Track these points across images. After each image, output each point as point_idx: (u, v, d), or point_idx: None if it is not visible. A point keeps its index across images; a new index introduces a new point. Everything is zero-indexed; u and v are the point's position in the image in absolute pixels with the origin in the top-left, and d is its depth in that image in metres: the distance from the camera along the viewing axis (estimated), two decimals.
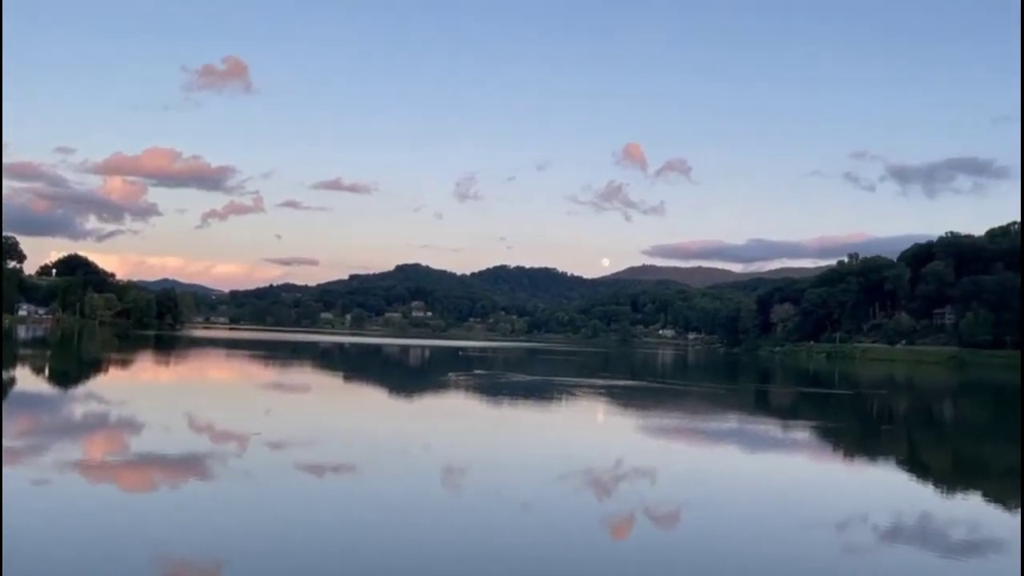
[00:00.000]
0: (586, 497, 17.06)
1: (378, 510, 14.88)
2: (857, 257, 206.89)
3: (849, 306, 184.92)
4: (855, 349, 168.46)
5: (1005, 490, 21.25)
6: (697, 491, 18.39)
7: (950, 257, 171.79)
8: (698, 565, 12.39)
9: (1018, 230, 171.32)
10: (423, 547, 12.51)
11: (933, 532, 15.47)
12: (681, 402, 45.28)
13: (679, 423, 33.80)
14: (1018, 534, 15.69)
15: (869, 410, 46.52)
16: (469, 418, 32.52)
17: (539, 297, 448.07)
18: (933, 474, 24.23)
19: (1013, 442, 34.79)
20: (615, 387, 52.15)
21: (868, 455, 27.26)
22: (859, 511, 16.75)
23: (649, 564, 12.35)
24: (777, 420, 38.82)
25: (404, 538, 12.96)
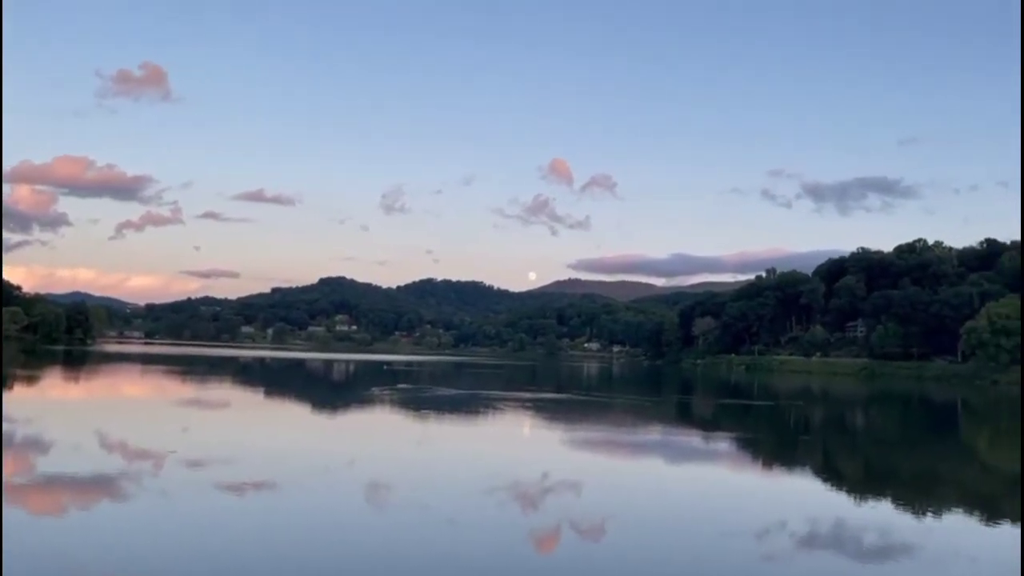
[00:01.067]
0: (513, 510, 17.03)
1: (300, 528, 14.51)
2: (774, 272, 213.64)
3: (767, 319, 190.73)
4: (773, 361, 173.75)
5: (912, 495, 22.19)
6: (622, 502, 18.58)
7: (861, 272, 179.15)
8: (623, 574, 12.50)
9: (924, 246, 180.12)
10: (347, 565, 12.25)
11: (847, 538, 16.00)
12: (606, 414, 45.80)
13: (604, 435, 34.16)
14: (926, 539, 16.40)
15: (787, 420, 47.96)
16: (394, 433, 32.14)
17: (466, 311, 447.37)
18: (847, 482, 25.11)
19: (918, 449, 36.39)
20: (541, 400, 52.40)
21: (786, 464, 28.08)
22: (777, 519, 17.21)
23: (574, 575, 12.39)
24: (699, 431, 39.64)
25: (327, 556, 12.67)
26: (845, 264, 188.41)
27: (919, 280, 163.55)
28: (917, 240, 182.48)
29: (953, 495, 22.85)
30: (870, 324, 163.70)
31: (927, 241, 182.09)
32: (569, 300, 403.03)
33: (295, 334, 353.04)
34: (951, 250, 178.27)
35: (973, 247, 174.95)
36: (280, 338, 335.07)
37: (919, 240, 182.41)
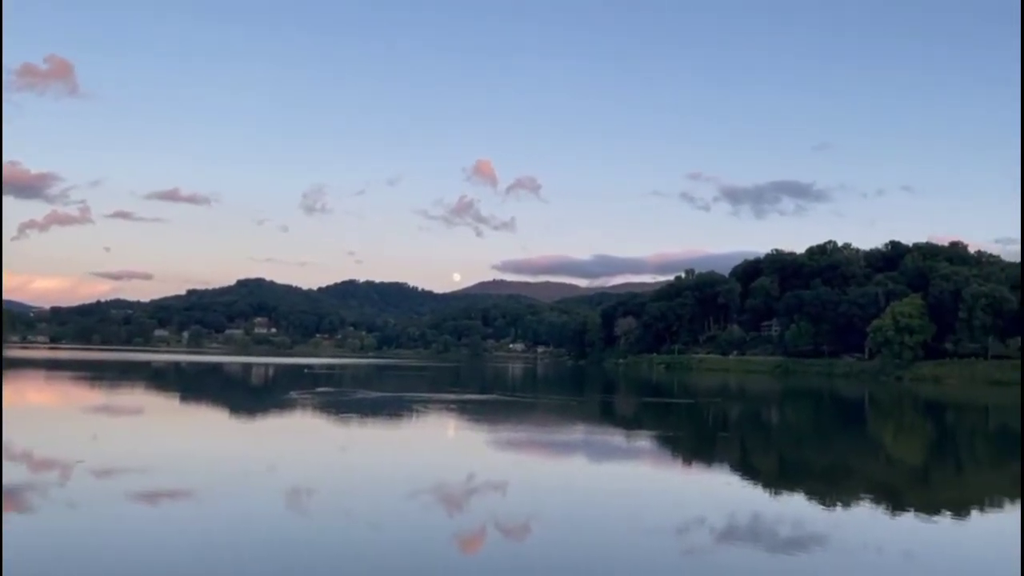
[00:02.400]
0: (437, 513, 16.93)
1: (217, 538, 14.07)
2: (693, 273, 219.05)
3: (686, 319, 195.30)
4: (692, 359, 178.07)
5: (824, 488, 23.04)
6: (546, 502, 18.69)
7: (775, 273, 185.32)
8: (546, 573, 12.56)
9: (834, 248, 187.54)
10: (267, 574, 11.94)
11: (763, 531, 16.48)
12: (530, 415, 46.04)
13: (528, 436, 34.33)
14: (837, 530, 17.04)
15: (705, 418, 49.17)
16: (315, 438, 31.54)
17: (389, 312, 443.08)
18: (762, 476, 25.89)
19: (829, 444, 37.85)
20: (466, 401, 52.31)
21: (705, 461, 28.77)
22: (697, 514, 17.61)
23: None
24: (621, 429, 40.26)
25: (246, 566, 12.32)
26: (760, 265, 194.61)
27: (829, 280, 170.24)
28: (828, 242, 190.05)
29: (861, 487, 23.81)
30: (783, 323, 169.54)
31: (837, 243, 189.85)
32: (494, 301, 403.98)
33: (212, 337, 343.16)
34: (859, 251, 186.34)
35: (879, 249, 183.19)
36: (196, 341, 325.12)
37: (829, 242, 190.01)
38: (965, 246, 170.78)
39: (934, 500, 22.27)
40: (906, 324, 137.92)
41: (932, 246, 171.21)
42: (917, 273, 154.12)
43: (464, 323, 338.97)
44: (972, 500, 21.98)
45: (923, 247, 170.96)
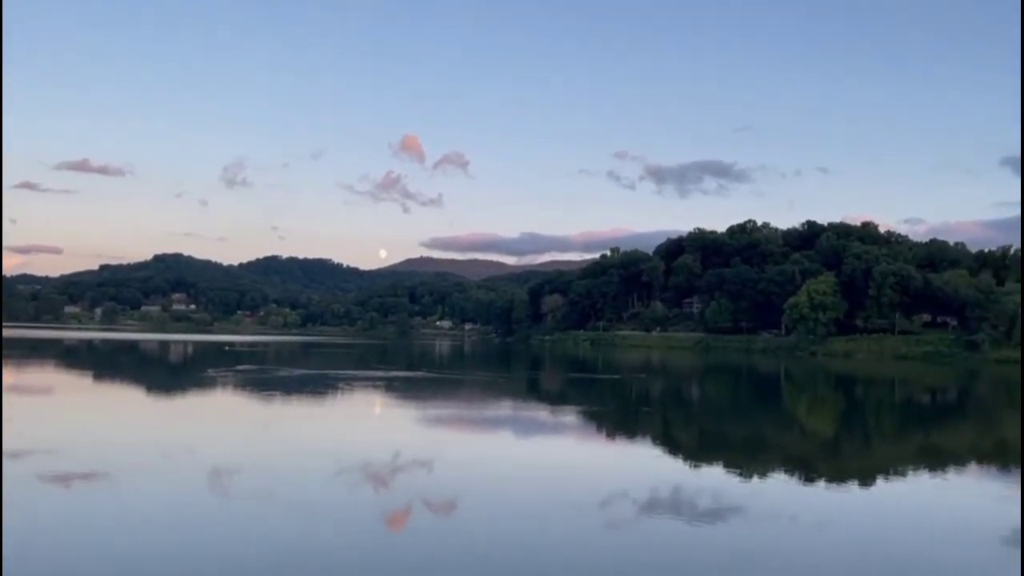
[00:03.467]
0: (364, 492, 16.81)
1: (135, 522, 13.64)
2: (618, 251, 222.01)
3: (611, 296, 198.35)
4: (616, 336, 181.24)
5: (742, 460, 23.83)
6: (473, 478, 18.78)
7: (697, 251, 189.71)
8: (472, 549, 12.63)
9: (753, 227, 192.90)
10: (186, 559, 11.66)
11: (684, 502, 16.95)
12: (457, 391, 46.13)
13: (455, 412, 34.38)
14: (753, 500, 17.65)
15: (629, 393, 50.15)
16: (237, 416, 30.88)
17: (313, 289, 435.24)
18: (683, 449, 26.61)
19: (746, 417, 39.13)
20: (393, 379, 52.01)
21: (628, 435, 29.36)
22: (620, 488, 17.98)
23: (427, 553, 12.40)
24: (547, 405, 40.72)
25: (165, 550, 12.00)
26: (683, 243, 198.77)
27: (749, 259, 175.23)
28: (747, 221, 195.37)
29: (777, 458, 24.73)
30: (705, 300, 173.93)
31: (756, 222, 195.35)
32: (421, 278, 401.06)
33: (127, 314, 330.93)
34: (777, 231, 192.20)
35: (796, 228, 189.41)
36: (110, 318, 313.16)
37: (749, 221, 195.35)
38: (876, 226, 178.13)
39: (844, 470, 23.30)
40: (820, 301, 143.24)
41: (845, 226, 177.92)
42: (831, 252, 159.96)
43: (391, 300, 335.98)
44: (879, 469, 23.07)
45: (837, 227, 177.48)
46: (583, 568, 11.95)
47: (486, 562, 12.01)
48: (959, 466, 24.55)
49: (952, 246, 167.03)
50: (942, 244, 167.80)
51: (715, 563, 12.53)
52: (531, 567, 11.96)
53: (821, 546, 13.85)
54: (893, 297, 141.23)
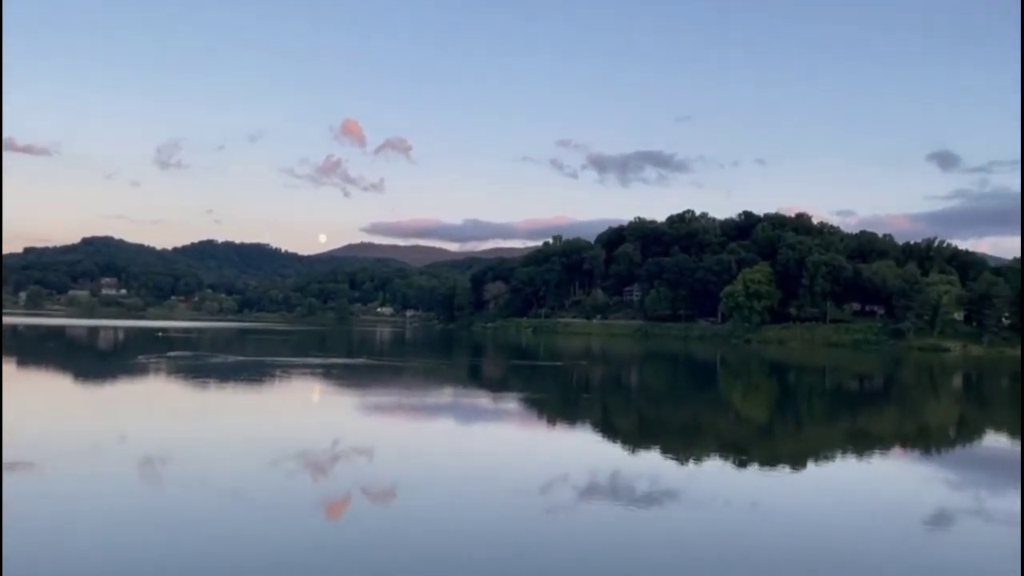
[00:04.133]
0: (301, 480, 16.57)
1: (63, 514, 13.18)
2: (561, 239, 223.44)
3: (553, 284, 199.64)
4: (558, 323, 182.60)
5: (678, 445, 24.27)
6: (413, 466, 18.69)
7: (638, 240, 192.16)
8: (410, 538, 12.57)
9: (692, 217, 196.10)
10: (118, 548, 11.32)
11: (622, 487, 17.18)
12: (399, 378, 45.84)
13: (396, 399, 34.15)
14: (690, 484, 17.99)
15: (570, 380, 50.57)
16: (169, 404, 30.09)
17: (250, 274, 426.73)
18: (622, 435, 26.97)
19: (683, 403, 39.87)
20: (332, 366, 51.40)
21: (569, 421, 29.61)
22: (560, 473, 18.12)
23: (363, 542, 12.30)
24: (488, 392, 40.78)
25: (97, 541, 11.62)
26: (624, 232, 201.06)
27: (687, 248, 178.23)
28: (687, 211, 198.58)
29: (712, 443, 25.25)
30: (644, 288, 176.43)
31: (695, 212, 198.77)
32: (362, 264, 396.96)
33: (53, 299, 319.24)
34: (715, 221, 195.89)
35: (733, 219, 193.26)
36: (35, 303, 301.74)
37: (688, 211, 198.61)
38: (809, 218, 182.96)
39: (776, 454, 23.94)
40: (755, 290, 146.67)
41: (780, 217, 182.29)
42: (767, 242, 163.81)
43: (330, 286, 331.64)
44: (809, 453, 23.78)
45: (773, 218, 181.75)
46: (522, 553, 12.02)
47: (424, 549, 11.98)
48: (884, 450, 25.44)
49: (881, 238, 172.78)
50: (871, 236, 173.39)
51: (651, 547, 12.73)
52: (470, 553, 11.97)
53: (753, 529, 14.20)
54: (825, 287, 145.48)
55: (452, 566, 11.27)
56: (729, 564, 11.96)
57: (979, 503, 17.02)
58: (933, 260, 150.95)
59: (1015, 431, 32.74)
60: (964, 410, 42.17)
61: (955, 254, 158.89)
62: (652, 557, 12.18)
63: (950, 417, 38.18)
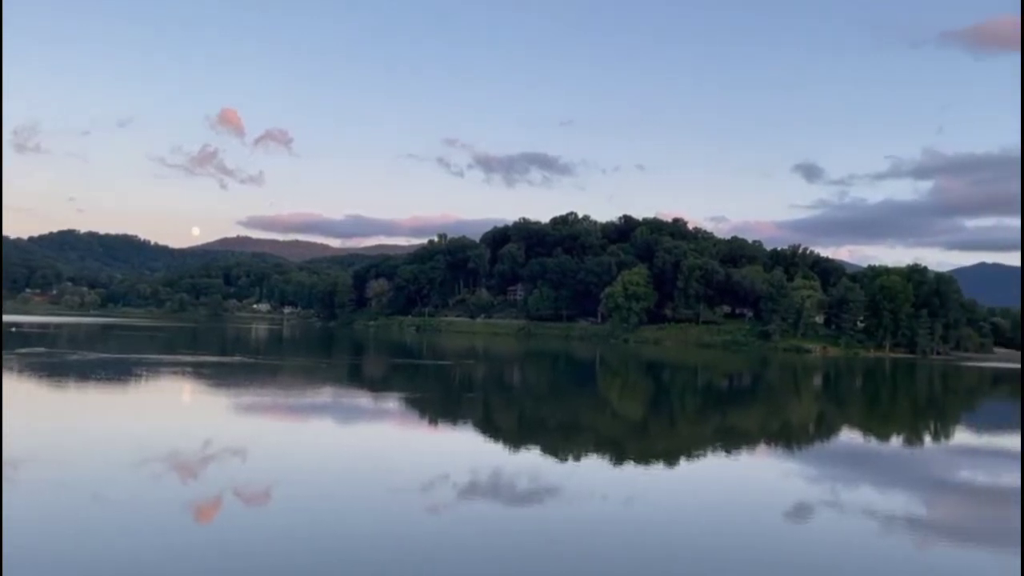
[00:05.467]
0: (169, 482, 15.76)
1: None
2: (446, 237, 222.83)
3: (438, 282, 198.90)
4: (442, 322, 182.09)
5: (558, 442, 24.67)
6: (289, 467, 18.14)
7: (522, 241, 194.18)
8: (284, 539, 12.18)
9: (575, 219, 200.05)
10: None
11: (503, 485, 17.28)
12: (275, 378, 44.45)
13: (272, 399, 33.09)
14: (568, 480, 18.30)
15: (453, 379, 50.52)
16: (25, 405, 27.98)
17: (116, 267, 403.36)
18: (504, 433, 27.15)
19: (563, 401, 40.59)
20: (204, 364, 49.26)
21: (451, 420, 29.54)
22: (441, 472, 18.04)
23: (233, 544, 11.82)
24: (369, 391, 40.17)
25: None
26: (509, 232, 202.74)
27: (570, 249, 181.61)
28: (569, 213, 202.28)
29: (590, 440, 25.81)
30: (528, 288, 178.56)
31: (578, 214, 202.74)
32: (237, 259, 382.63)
33: None
34: (596, 223, 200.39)
35: (614, 222, 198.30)
36: None
37: (571, 213, 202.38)
38: (685, 223, 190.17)
39: (651, 450, 24.72)
40: (634, 291, 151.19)
41: (658, 221, 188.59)
42: (645, 246, 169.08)
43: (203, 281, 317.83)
44: (682, 449, 24.69)
45: (651, 222, 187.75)
46: (402, 552, 11.86)
47: (299, 551, 11.63)
48: (751, 445, 26.75)
49: (750, 244, 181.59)
50: (742, 242, 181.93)
51: (531, 542, 12.86)
52: (349, 554, 11.72)
53: (628, 522, 14.59)
54: (698, 289, 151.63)
55: (330, 567, 11.00)
56: (605, 558, 12.23)
57: (835, 495, 18.14)
58: (797, 266, 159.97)
59: (867, 427, 35.18)
60: (823, 408, 44.92)
61: (817, 260, 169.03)
62: (531, 553, 12.30)
63: (810, 414, 40.57)
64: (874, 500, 17.84)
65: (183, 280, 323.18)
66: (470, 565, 11.60)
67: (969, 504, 18.07)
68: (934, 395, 57.68)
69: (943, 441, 31.62)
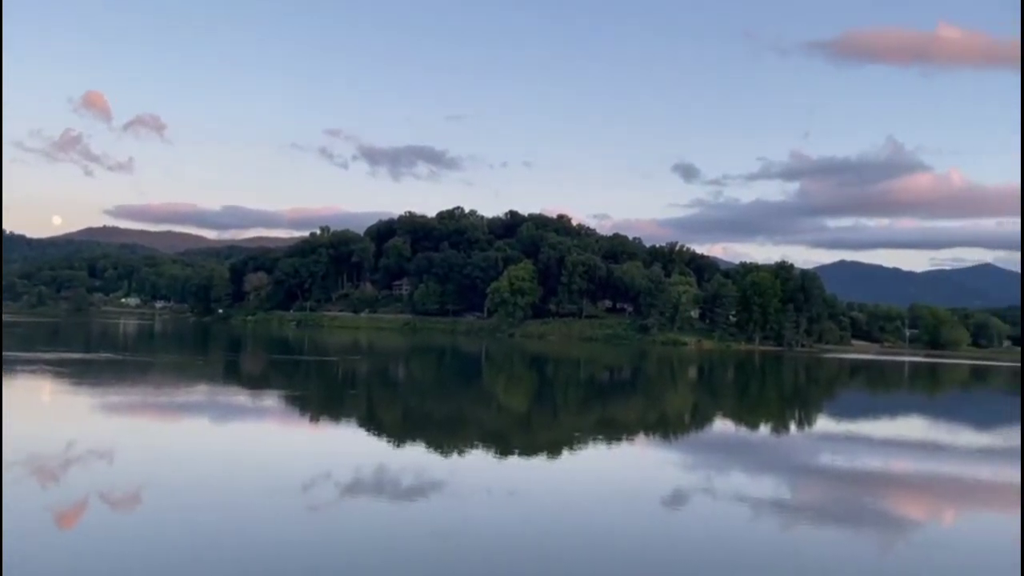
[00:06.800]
0: (28, 486, 14.70)
1: None
2: (329, 230, 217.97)
3: (320, 276, 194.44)
4: (325, 317, 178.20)
5: (443, 437, 24.62)
6: (160, 468, 17.29)
7: (408, 235, 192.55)
8: (155, 544, 11.62)
9: (462, 214, 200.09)
10: None
11: (387, 481, 17.10)
12: (145, 376, 42.28)
13: (142, 398, 31.44)
14: (454, 475, 18.30)
15: (335, 375, 49.54)
16: None
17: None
18: (388, 429, 26.87)
19: (449, 396, 40.59)
20: (66, 361, 46.24)
21: (333, 417, 28.98)
22: (323, 470, 17.66)
23: (99, 551, 11.17)
24: (247, 389, 38.85)
25: None
26: (394, 226, 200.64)
27: (456, 244, 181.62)
28: (456, 208, 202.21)
29: (475, 434, 25.92)
30: (414, 283, 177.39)
31: (464, 209, 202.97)
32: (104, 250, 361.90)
33: None
34: (483, 219, 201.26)
35: (500, 217, 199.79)
36: None
37: (458, 208, 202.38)
38: (569, 219, 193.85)
39: (535, 442, 25.08)
40: (519, 287, 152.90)
41: (544, 217, 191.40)
42: (530, 241, 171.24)
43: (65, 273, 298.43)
44: (564, 441, 25.16)
45: (536, 218, 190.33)
46: (282, 553, 11.53)
47: (173, 557, 11.12)
48: (631, 436, 27.59)
49: (631, 240, 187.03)
50: (623, 239, 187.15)
51: (415, 539, 12.78)
52: (228, 558, 11.29)
53: (511, 515, 14.75)
54: (582, 285, 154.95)
55: (207, 573, 10.57)
56: (488, 551, 12.31)
57: (709, 482, 18.96)
58: (675, 263, 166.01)
59: (738, 417, 36.96)
60: (697, 399, 46.85)
61: (693, 258, 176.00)
62: (415, 549, 12.23)
63: (686, 405, 42.24)
64: (745, 485, 18.77)
65: (43, 272, 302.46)
66: (355, 564, 11.41)
67: (830, 487, 19.28)
68: (799, 386, 61.24)
69: (807, 429, 33.62)
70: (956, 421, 39.78)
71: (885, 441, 29.31)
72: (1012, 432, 36.01)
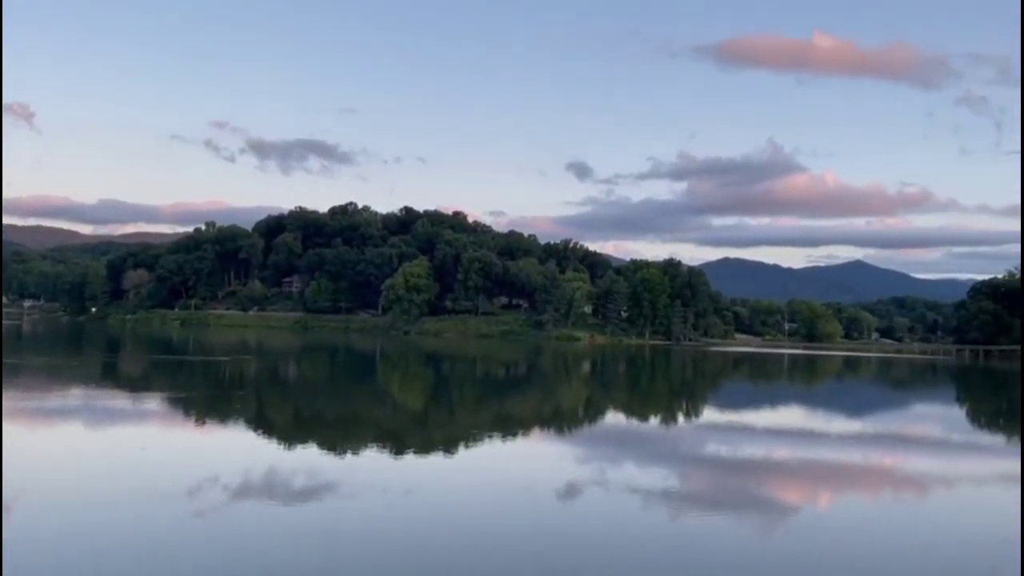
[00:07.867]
0: None
1: None
2: (215, 226, 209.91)
3: (205, 273, 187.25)
4: (210, 316, 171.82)
5: (337, 437, 24.11)
6: (31, 477, 16.15)
7: (299, 230, 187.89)
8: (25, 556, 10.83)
9: (355, 209, 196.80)
10: None
11: (277, 484, 16.56)
12: (12, 379, 39.48)
13: (10, 403, 29.32)
14: (348, 476, 17.92)
15: (222, 375, 47.74)
16: None
17: None
18: (278, 430, 26.08)
19: (342, 395, 39.85)
20: None
21: (219, 419, 27.86)
22: (210, 474, 16.95)
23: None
24: (126, 392, 36.91)
25: None
26: (284, 222, 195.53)
27: (350, 240, 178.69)
28: (349, 203, 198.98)
29: (370, 433, 25.51)
30: (305, 280, 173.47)
31: (358, 205, 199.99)
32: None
33: None
34: (377, 215, 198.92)
35: (395, 213, 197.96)
36: None
37: (351, 203, 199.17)
38: (465, 216, 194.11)
39: (431, 440, 24.89)
40: (415, 284, 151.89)
41: (439, 214, 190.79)
42: (426, 238, 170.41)
43: None
44: (460, 438, 25.10)
45: (432, 215, 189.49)
46: (163, 560, 10.96)
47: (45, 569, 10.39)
48: (526, 430, 27.81)
49: (527, 238, 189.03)
50: (519, 236, 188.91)
51: (307, 542, 12.42)
52: (104, 566, 10.64)
53: (406, 514, 14.56)
54: (478, 281, 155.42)
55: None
56: (382, 552, 12.10)
57: (602, 474, 19.31)
58: (569, 259, 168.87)
59: (629, 409, 37.89)
60: (591, 392, 47.75)
61: (586, 255, 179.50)
62: (307, 553, 11.88)
63: (579, 399, 42.96)
64: (636, 476, 19.22)
65: None
66: (241, 569, 10.98)
67: (716, 476, 19.99)
68: (686, 378, 63.40)
69: (694, 419, 34.80)
70: (831, 409, 42.11)
71: (767, 430, 30.68)
72: (880, 418, 38.49)
